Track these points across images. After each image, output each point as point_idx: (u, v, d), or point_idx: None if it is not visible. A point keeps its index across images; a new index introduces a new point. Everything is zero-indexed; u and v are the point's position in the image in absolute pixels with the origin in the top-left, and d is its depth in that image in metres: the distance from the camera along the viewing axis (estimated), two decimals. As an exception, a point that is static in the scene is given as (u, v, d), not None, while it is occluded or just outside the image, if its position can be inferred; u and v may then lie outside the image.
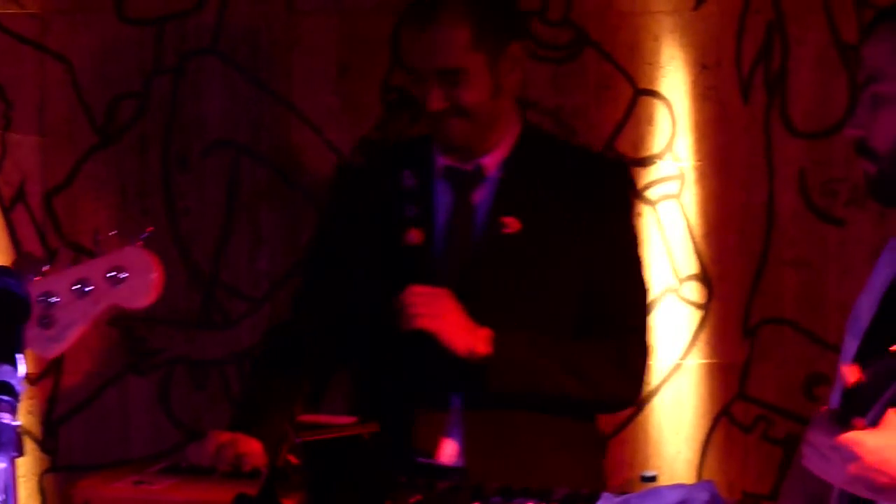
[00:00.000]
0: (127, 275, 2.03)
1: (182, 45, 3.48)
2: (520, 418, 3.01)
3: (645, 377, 3.14)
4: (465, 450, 2.99)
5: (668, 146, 3.50)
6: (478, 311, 3.02)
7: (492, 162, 3.05)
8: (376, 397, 3.04)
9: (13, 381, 1.57)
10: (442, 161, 3.05)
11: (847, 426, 2.01)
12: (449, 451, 2.98)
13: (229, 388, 3.52)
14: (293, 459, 2.83)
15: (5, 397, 1.58)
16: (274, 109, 3.51)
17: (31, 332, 1.94)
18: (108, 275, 2.00)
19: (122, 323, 3.46)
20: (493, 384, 2.93)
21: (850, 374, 2.07)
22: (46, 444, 3.49)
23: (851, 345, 2.54)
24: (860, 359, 2.56)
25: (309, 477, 2.91)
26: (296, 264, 3.46)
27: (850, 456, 1.99)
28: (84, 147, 3.48)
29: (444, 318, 2.87)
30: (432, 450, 2.96)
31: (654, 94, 3.56)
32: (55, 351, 2.14)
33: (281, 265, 3.54)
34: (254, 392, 3.15)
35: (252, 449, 2.86)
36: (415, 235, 3.01)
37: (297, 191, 3.53)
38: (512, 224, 3.04)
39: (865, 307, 2.59)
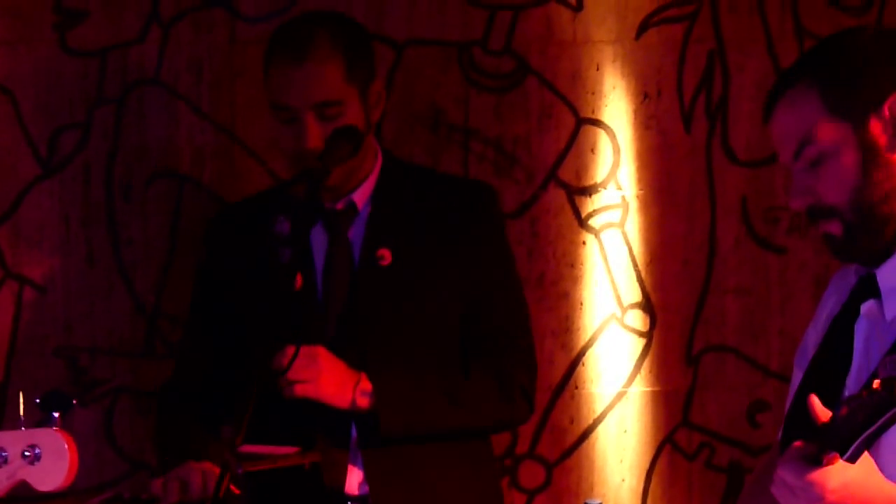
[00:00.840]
0: (41, 455, 2.02)
1: (125, 76, 3.49)
2: (416, 447, 3.07)
3: (533, 393, 3.15)
4: (369, 479, 3.02)
5: (611, 175, 3.53)
6: (364, 348, 3.05)
7: (361, 197, 3.07)
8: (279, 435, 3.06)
9: None
10: (314, 202, 3.06)
11: (817, 462, 2.06)
12: (354, 482, 3.02)
13: (173, 418, 3.51)
14: (235, 489, 2.84)
15: None
16: (217, 139, 3.53)
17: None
18: (24, 451, 2.00)
19: (64, 353, 3.47)
20: (384, 431, 2.98)
21: (822, 411, 2.10)
22: (-10, 475, 3.46)
23: (797, 376, 2.57)
24: (803, 391, 2.54)
25: None
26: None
27: (816, 496, 2.02)
28: (27, 178, 3.49)
29: (320, 382, 2.90)
30: (339, 481, 3.00)
31: (596, 122, 3.59)
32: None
33: (224, 295, 3.52)
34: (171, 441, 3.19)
35: (196, 480, 2.88)
36: (294, 281, 3.03)
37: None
38: (386, 256, 3.07)
39: (812, 338, 2.62)
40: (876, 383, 2.04)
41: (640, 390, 3.50)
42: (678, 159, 3.64)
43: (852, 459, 2.04)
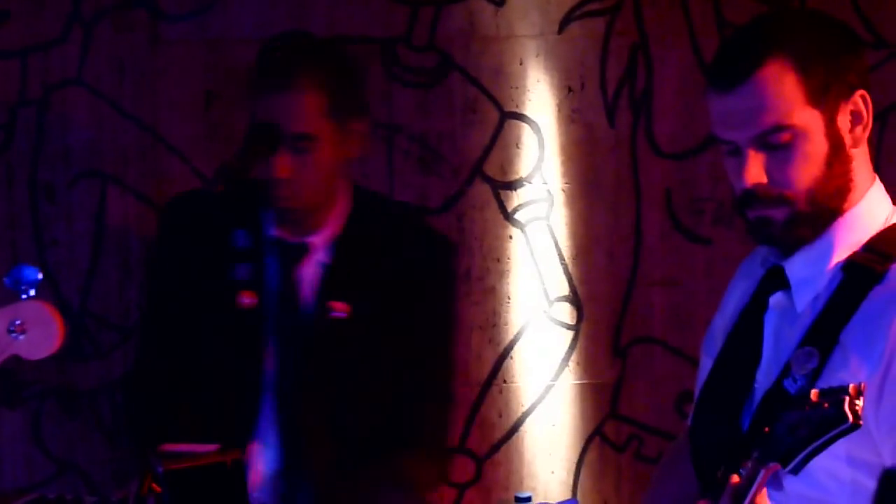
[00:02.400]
0: (26, 328, 2.07)
1: (47, 76, 3.49)
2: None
3: (445, 444, 3.21)
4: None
5: (536, 169, 3.55)
6: (311, 389, 3.03)
7: (320, 240, 3.02)
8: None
9: None
10: (272, 231, 3.03)
11: (755, 473, 2.07)
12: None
13: (101, 418, 3.53)
14: (156, 488, 2.87)
15: None
16: (140, 139, 3.52)
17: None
18: (9, 328, 2.04)
19: (-11, 355, 3.46)
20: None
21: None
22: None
23: (706, 364, 2.58)
24: (712, 380, 2.58)
25: None
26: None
27: None
28: (-50, 180, 3.47)
29: None
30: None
31: (520, 117, 3.60)
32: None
33: (150, 294, 3.54)
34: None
35: None
36: (248, 298, 3.00)
37: (164, 220, 3.54)
38: (340, 308, 3.02)
39: (719, 326, 2.63)
40: (814, 394, 2.05)
41: (568, 383, 3.52)
42: (603, 152, 3.65)
43: (795, 471, 2.05)
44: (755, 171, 2.30)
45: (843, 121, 2.31)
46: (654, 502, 2.84)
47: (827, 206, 2.31)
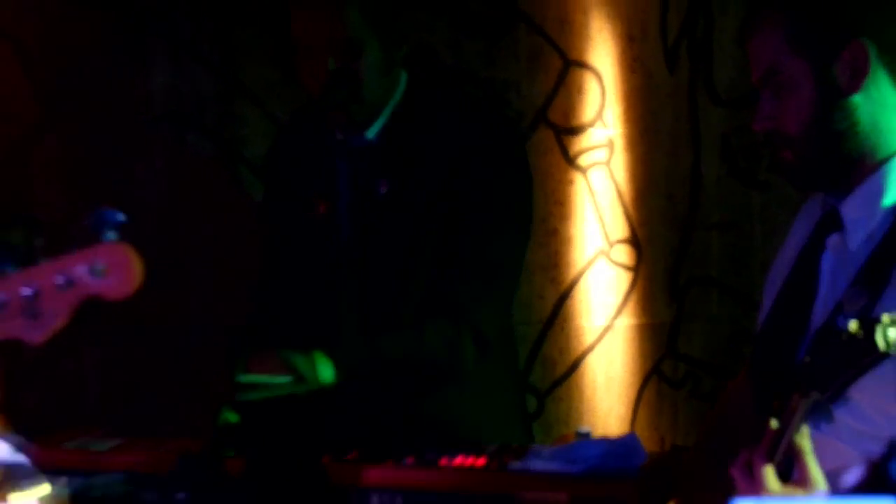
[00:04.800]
0: (107, 268, 2.19)
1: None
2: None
3: (491, 336, 3.08)
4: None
5: (598, 115, 3.64)
6: (371, 273, 3.10)
7: (371, 130, 3.05)
8: None
9: None
10: (338, 135, 3.10)
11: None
12: None
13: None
14: (232, 419, 2.90)
15: None
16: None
17: (18, 321, 2.12)
18: (91, 269, 2.16)
19: None
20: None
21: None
22: None
23: (767, 304, 2.69)
24: (773, 318, 2.60)
25: (249, 434, 2.98)
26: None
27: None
28: None
29: None
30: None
31: (583, 65, 3.68)
32: (39, 339, 2.33)
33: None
34: None
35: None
36: (321, 207, 3.13)
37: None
38: (385, 186, 3.06)
39: (780, 269, 2.72)
40: (853, 325, 2.12)
41: (626, 323, 3.61)
42: (662, 99, 3.72)
43: (832, 400, 2.12)
44: (761, 114, 2.44)
45: (841, 69, 2.42)
46: (712, 438, 2.86)
47: (834, 148, 2.39)
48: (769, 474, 2.15)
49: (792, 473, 2.17)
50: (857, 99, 2.39)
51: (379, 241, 3.17)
